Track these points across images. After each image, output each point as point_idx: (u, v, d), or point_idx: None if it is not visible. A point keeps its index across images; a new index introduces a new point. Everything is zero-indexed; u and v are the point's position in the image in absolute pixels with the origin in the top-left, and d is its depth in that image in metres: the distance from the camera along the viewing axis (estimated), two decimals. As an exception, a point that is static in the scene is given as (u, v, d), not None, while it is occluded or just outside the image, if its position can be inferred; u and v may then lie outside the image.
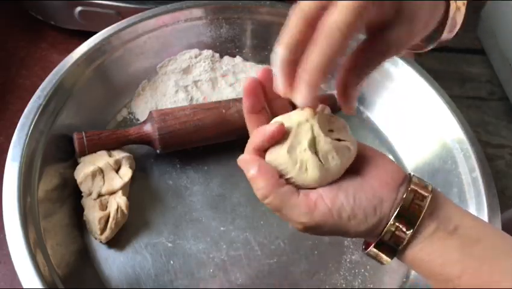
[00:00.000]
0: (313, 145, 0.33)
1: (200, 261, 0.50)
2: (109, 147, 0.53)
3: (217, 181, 0.56)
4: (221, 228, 0.53)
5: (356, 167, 0.35)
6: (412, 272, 0.52)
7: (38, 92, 0.51)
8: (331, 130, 0.34)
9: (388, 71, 0.61)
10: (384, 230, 0.32)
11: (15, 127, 0.48)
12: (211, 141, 0.57)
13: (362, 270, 0.52)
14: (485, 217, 0.50)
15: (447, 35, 0.38)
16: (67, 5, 0.64)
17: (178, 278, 0.49)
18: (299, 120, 0.34)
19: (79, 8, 0.63)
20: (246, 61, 0.66)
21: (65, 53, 0.55)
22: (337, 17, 0.28)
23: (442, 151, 0.56)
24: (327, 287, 0.50)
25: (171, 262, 0.50)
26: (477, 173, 0.53)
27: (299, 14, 0.30)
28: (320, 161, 0.33)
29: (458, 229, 0.32)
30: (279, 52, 0.31)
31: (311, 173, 0.33)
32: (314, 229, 0.33)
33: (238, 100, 0.57)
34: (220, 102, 0.58)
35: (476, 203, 0.51)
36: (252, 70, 0.65)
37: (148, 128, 0.53)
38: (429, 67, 0.60)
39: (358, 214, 0.32)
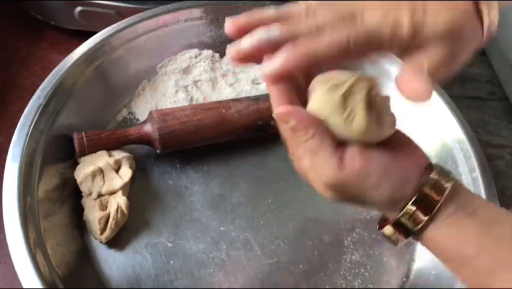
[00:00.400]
0: (368, 101, 0.33)
1: (200, 260, 0.50)
2: (109, 147, 0.53)
3: (217, 181, 0.56)
4: (221, 228, 0.53)
5: (390, 144, 0.35)
6: (412, 272, 0.52)
7: (38, 92, 0.51)
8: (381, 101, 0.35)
9: (388, 71, 0.61)
10: (403, 211, 0.33)
11: (15, 127, 0.48)
12: (211, 141, 0.57)
13: (362, 270, 0.52)
14: (485, 217, 0.50)
15: (485, 42, 0.36)
16: (67, 5, 0.64)
17: (178, 278, 0.49)
18: (359, 77, 0.34)
19: (79, 8, 0.63)
20: (246, 61, 0.66)
21: (65, 53, 0.55)
22: (353, 32, 0.31)
23: (442, 151, 0.56)
24: (327, 287, 0.50)
25: (171, 262, 0.50)
26: (477, 173, 0.53)
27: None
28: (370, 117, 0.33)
29: (476, 211, 0.33)
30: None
31: (357, 122, 0.33)
32: (336, 187, 0.33)
33: (238, 100, 0.57)
34: (220, 102, 0.58)
35: (476, 203, 0.51)
36: (252, 70, 0.65)
37: (148, 128, 0.53)
38: (429, 67, 0.60)
39: (383, 184, 0.33)
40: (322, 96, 0.34)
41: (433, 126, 0.58)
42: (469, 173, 0.53)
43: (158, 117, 0.53)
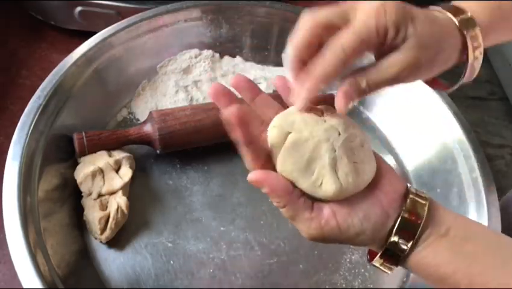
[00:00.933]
0: (333, 163, 0.33)
1: (200, 260, 0.50)
2: (109, 147, 0.53)
3: (217, 181, 0.56)
4: (221, 228, 0.53)
5: None
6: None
7: (38, 92, 0.51)
8: (352, 151, 0.34)
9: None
10: (388, 242, 0.33)
11: (16, 127, 0.48)
12: (211, 141, 0.57)
13: (362, 270, 0.52)
14: (484, 216, 0.50)
15: (467, 78, 0.39)
16: (67, 5, 0.64)
17: (178, 278, 0.49)
18: (321, 137, 0.34)
19: (79, 8, 0.63)
20: (246, 61, 0.66)
21: (65, 53, 0.55)
22: (344, 40, 0.32)
23: (442, 151, 0.56)
24: (327, 287, 0.50)
25: (171, 262, 0.50)
26: (477, 173, 0.53)
27: (313, 21, 0.34)
28: (338, 179, 0.33)
29: (449, 230, 0.33)
30: (289, 51, 0.34)
31: (325, 188, 0.33)
32: (321, 240, 0.34)
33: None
34: (220, 102, 0.58)
35: (476, 203, 0.51)
36: (252, 70, 0.65)
37: (148, 128, 0.53)
38: (429, 67, 0.60)
39: (366, 230, 0.33)
40: (286, 158, 0.33)
41: (433, 126, 0.58)
42: (469, 173, 0.53)
43: (158, 117, 0.53)
